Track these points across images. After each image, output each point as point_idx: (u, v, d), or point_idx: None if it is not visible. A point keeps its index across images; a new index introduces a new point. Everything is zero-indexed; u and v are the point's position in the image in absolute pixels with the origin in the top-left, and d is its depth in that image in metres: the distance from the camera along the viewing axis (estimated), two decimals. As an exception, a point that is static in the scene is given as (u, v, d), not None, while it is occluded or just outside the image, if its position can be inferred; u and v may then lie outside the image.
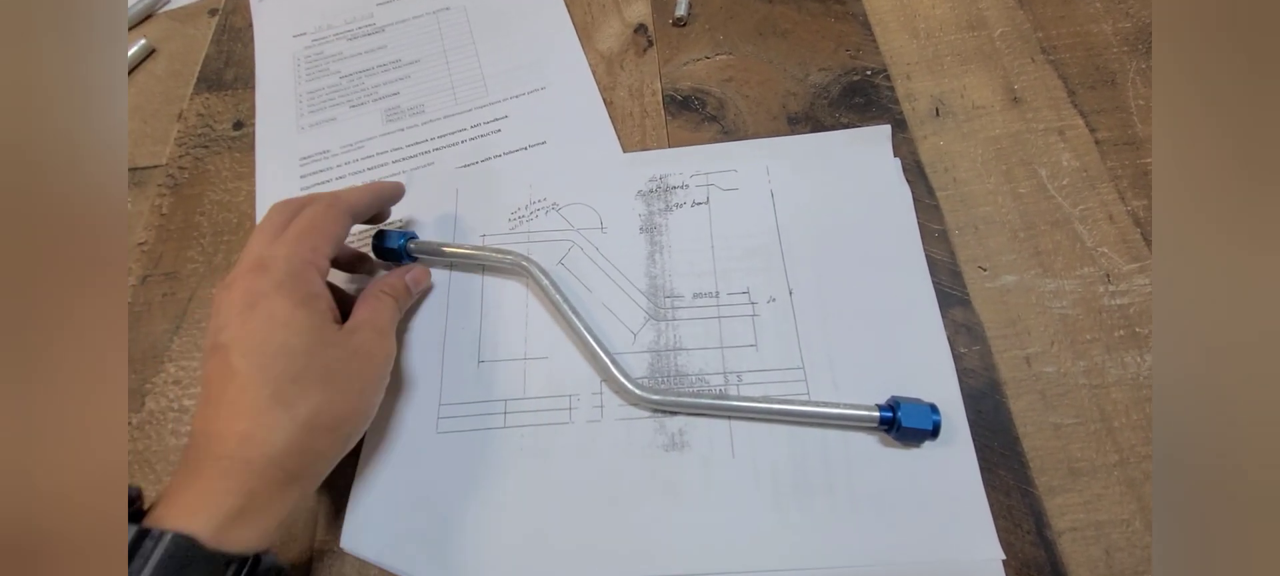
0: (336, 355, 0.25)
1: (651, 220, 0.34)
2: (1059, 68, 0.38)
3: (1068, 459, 0.27)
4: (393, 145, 0.40)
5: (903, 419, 0.26)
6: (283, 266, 0.25)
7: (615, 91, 0.40)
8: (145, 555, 0.19)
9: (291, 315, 0.24)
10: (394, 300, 0.29)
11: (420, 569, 0.26)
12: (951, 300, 0.31)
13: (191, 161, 0.39)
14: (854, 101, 0.38)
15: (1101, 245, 0.32)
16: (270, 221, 0.27)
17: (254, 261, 0.26)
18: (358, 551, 0.27)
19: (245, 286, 0.25)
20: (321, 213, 0.28)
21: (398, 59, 0.45)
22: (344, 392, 0.25)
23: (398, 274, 0.31)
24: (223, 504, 0.21)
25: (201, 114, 0.41)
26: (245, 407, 0.23)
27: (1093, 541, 0.26)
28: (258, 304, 0.24)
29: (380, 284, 0.30)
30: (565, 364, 0.30)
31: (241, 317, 0.24)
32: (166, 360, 0.33)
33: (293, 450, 0.23)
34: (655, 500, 0.27)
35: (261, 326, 0.24)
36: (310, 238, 0.27)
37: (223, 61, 0.44)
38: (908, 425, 0.26)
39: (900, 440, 0.27)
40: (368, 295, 0.29)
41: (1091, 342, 0.30)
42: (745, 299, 0.31)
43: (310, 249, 0.26)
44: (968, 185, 0.34)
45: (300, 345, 0.24)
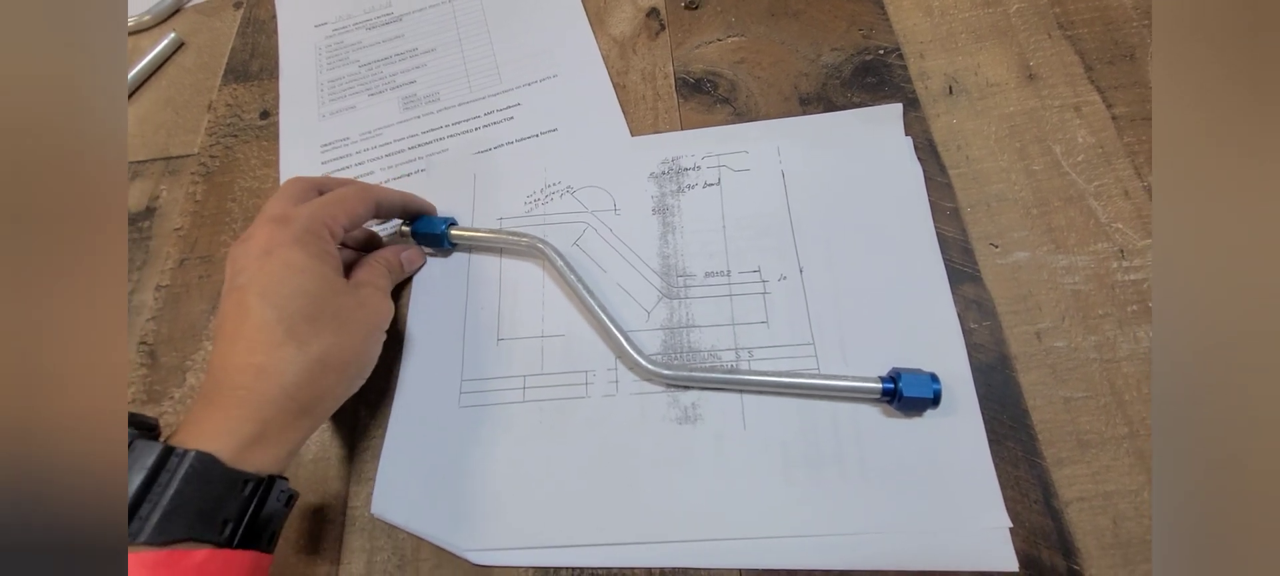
0: (345, 303, 0.27)
1: (664, 201, 0.35)
2: (1076, 43, 0.38)
3: (1077, 431, 0.28)
4: (409, 132, 0.41)
5: (903, 388, 0.27)
6: (302, 222, 0.27)
7: (628, 75, 0.40)
8: (171, 470, 0.21)
9: (306, 263, 0.26)
10: (388, 269, 0.32)
11: (444, 533, 0.28)
12: (962, 276, 0.31)
13: (222, 150, 0.41)
14: (867, 81, 0.38)
15: (1116, 221, 0.32)
16: (287, 190, 0.29)
17: (274, 216, 0.27)
18: (387, 516, 0.28)
19: (264, 236, 0.26)
20: (352, 193, 0.30)
21: (415, 48, 0.45)
22: (351, 336, 0.26)
23: (393, 251, 0.33)
24: (240, 430, 0.23)
25: (230, 104, 0.43)
26: (261, 343, 0.24)
27: (1100, 511, 0.26)
28: (274, 251, 0.26)
29: (376, 255, 0.32)
30: (581, 341, 0.31)
31: (258, 262, 0.26)
32: (205, 338, 0.34)
33: (303, 383, 0.24)
34: (669, 471, 0.28)
35: (278, 270, 0.25)
36: (333, 207, 0.28)
37: (248, 53, 0.46)
38: (908, 394, 0.27)
39: (903, 410, 0.28)
40: (365, 261, 0.31)
41: (1103, 317, 0.30)
42: (756, 277, 0.32)
43: (330, 216, 0.28)
44: (980, 163, 0.34)
45: (313, 289, 0.26)
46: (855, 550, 0.26)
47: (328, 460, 0.31)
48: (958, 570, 0.26)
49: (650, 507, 0.28)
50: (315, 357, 0.25)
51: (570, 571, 0.27)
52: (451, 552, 0.28)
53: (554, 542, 0.27)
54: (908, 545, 0.26)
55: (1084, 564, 0.25)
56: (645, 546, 0.27)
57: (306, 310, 0.25)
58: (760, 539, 0.27)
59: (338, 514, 0.29)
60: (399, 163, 0.40)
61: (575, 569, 0.27)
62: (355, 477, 0.30)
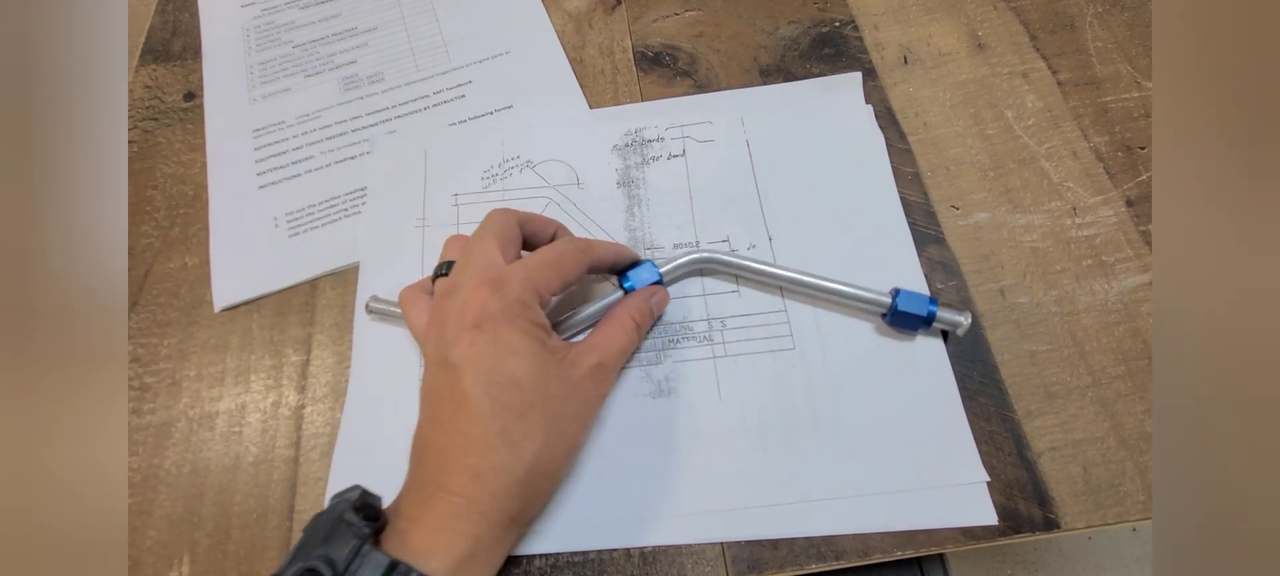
0: (558, 392, 0.24)
1: (628, 174, 0.34)
2: (1020, 14, 0.39)
3: (1044, 383, 0.28)
4: (352, 114, 0.39)
5: (899, 303, 0.27)
6: (516, 290, 0.24)
7: (585, 50, 0.39)
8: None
9: (519, 344, 0.23)
10: (639, 331, 0.28)
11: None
12: (927, 239, 0.31)
13: (140, 135, 0.37)
14: (824, 52, 0.38)
15: (1067, 180, 0.33)
16: (496, 232, 0.26)
17: (487, 277, 0.24)
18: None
19: (477, 304, 0.24)
20: (569, 253, 0.26)
21: (354, 27, 0.43)
22: (562, 434, 0.24)
23: (644, 296, 0.29)
24: (455, 547, 0.21)
25: (149, 86, 0.39)
26: (476, 440, 0.22)
27: (1071, 459, 0.27)
28: (486, 325, 0.23)
29: (629, 309, 0.28)
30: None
31: (471, 337, 0.23)
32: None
33: (515, 493, 0.22)
34: (644, 447, 0.27)
35: (492, 351, 0.23)
36: (549, 271, 0.25)
37: (169, 31, 0.42)
38: (902, 309, 0.27)
39: (896, 326, 0.28)
40: (612, 320, 0.27)
41: (1061, 272, 0.30)
42: (726, 247, 0.31)
43: (545, 281, 0.25)
44: (937, 129, 0.35)
45: (528, 378, 0.23)
46: (837, 515, 0.26)
47: (271, 463, 0.28)
48: (939, 527, 0.25)
49: (626, 487, 0.26)
50: (529, 464, 0.22)
51: (544, 559, 0.26)
52: (414, 549, 0.26)
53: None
54: (888, 506, 0.26)
55: (1059, 511, 0.26)
56: (622, 526, 0.26)
57: (519, 404, 0.23)
58: (740, 510, 0.26)
59: (283, 516, 0.27)
60: (341, 146, 0.37)
61: (548, 555, 0.26)
62: (302, 479, 0.28)
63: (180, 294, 0.32)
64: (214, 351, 0.31)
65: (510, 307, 0.24)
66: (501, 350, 0.23)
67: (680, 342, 0.29)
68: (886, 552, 0.25)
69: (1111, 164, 0.33)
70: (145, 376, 0.30)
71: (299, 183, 0.36)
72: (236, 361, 0.30)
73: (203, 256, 0.33)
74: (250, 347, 0.31)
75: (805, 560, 0.25)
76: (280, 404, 0.29)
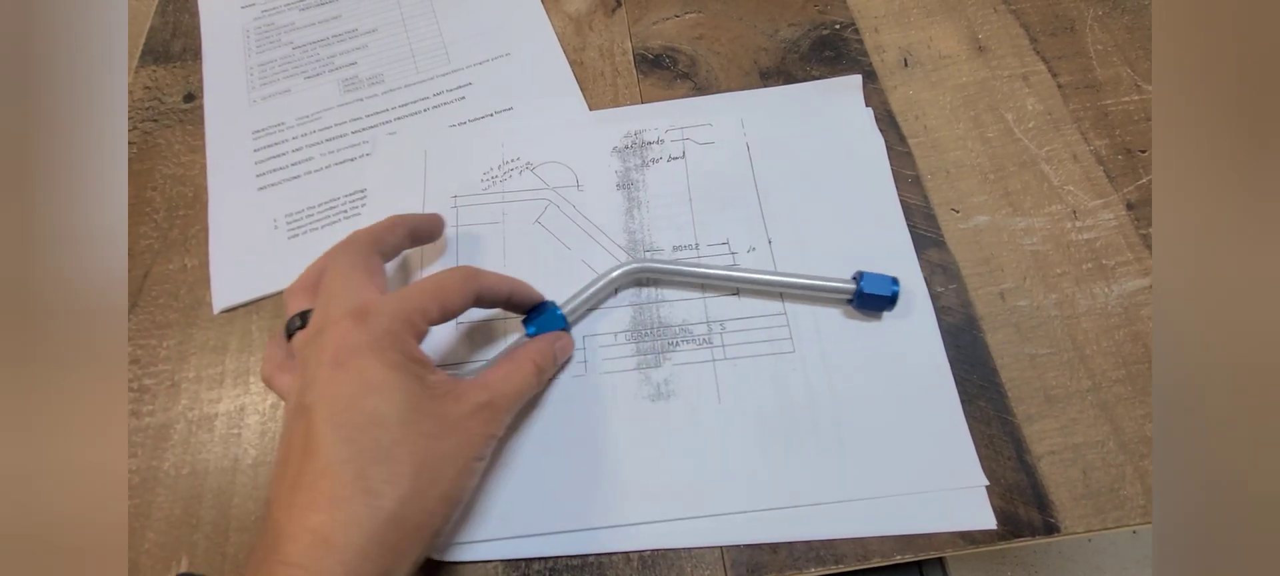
0: (432, 430, 0.22)
1: (628, 176, 0.34)
2: (1020, 17, 0.39)
3: (1044, 387, 0.28)
4: (351, 116, 0.39)
5: (864, 286, 0.28)
6: (384, 321, 0.22)
7: (585, 52, 0.39)
8: None
9: (386, 377, 0.21)
10: (538, 374, 0.26)
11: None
12: (927, 242, 0.31)
13: (139, 136, 0.37)
14: (824, 55, 0.38)
15: (1067, 184, 0.33)
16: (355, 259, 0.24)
17: (351, 307, 0.22)
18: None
19: (337, 337, 0.22)
20: (453, 279, 0.24)
21: (354, 28, 0.43)
22: (436, 480, 0.21)
23: (547, 340, 0.27)
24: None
25: (149, 87, 0.39)
26: (323, 493, 0.20)
27: (1070, 463, 0.26)
28: (348, 360, 0.21)
29: (530, 351, 0.26)
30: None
31: (329, 375, 0.21)
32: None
33: (371, 554, 0.19)
34: (643, 450, 0.27)
35: (352, 388, 0.21)
36: (425, 298, 0.23)
37: (169, 32, 0.42)
38: (868, 291, 0.28)
39: (862, 309, 0.29)
40: (511, 358, 0.26)
41: (1062, 276, 0.30)
42: (726, 249, 0.31)
43: (420, 310, 0.23)
44: (938, 131, 0.35)
45: (394, 415, 0.21)
46: (836, 519, 0.26)
47: (270, 465, 0.28)
48: (938, 531, 0.25)
49: (626, 490, 0.26)
50: (387, 516, 0.20)
51: (543, 562, 0.26)
52: (413, 552, 0.26)
53: (524, 532, 0.26)
54: (888, 510, 0.26)
55: (1059, 515, 0.26)
56: (622, 530, 0.26)
57: (382, 445, 0.20)
58: (740, 514, 0.26)
59: (283, 520, 0.27)
60: (341, 148, 0.37)
61: (548, 558, 0.26)
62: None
63: (179, 295, 0.32)
64: (213, 353, 0.31)
65: (377, 339, 0.22)
66: (364, 386, 0.21)
67: (680, 345, 0.29)
68: (886, 556, 0.25)
69: (1112, 167, 0.33)
70: (144, 378, 0.30)
71: (299, 184, 0.36)
72: (236, 363, 0.30)
73: (202, 258, 0.33)
74: (249, 349, 0.31)
75: (805, 563, 0.25)
76: (279, 406, 0.29)
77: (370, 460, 0.20)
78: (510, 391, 0.24)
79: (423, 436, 0.21)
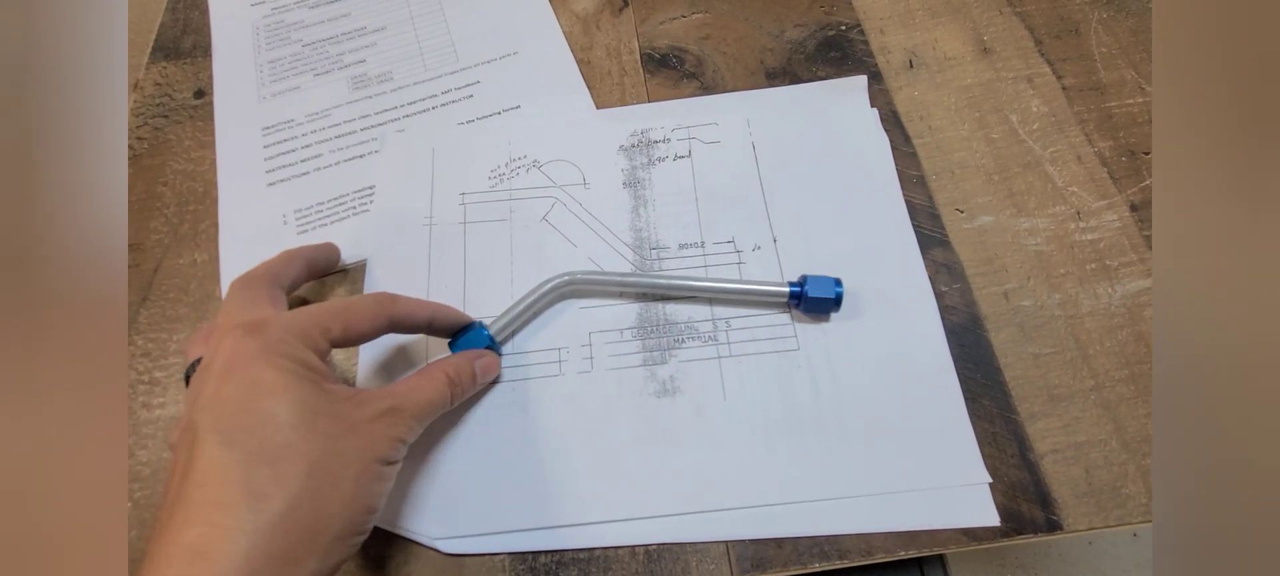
0: (329, 430, 0.20)
1: (634, 174, 0.34)
2: (1025, 19, 0.39)
3: (1047, 386, 0.28)
4: (361, 113, 0.39)
5: (809, 289, 0.28)
6: (278, 331, 0.21)
7: (592, 51, 0.39)
8: None
9: (277, 380, 0.20)
10: (451, 387, 0.25)
11: (411, 522, 0.26)
12: (931, 242, 0.32)
13: (150, 132, 0.38)
14: (830, 55, 0.38)
15: (1071, 185, 0.33)
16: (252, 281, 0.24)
17: (245, 321, 0.21)
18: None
19: (229, 348, 0.20)
20: (364, 301, 0.23)
21: (363, 26, 0.43)
22: (335, 482, 0.20)
23: (468, 358, 0.26)
24: None
25: (159, 83, 0.40)
26: (201, 504, 0.18)
27: (1073, 461, 0.27)
28: (237, 367, 0.20)
29: (444, 364, 0.25)
30: (554, 316, 0.30)
31: (217, 384, 0.20)
32: (134, 332, 0.31)
33: (254, 564, 0.17)
34: (649, 446, 0.27)
35: (240, 392, 0.20)
36: (328, 317, 0.22)
37: (180, 29, 0.42)
38: (813, 295, 0.28)
39: (808, 312, 0.29)
40: (423, 371, 0.25)
41: (1065, 276, 0.31)
42: (731, 247, 0.31)
43: (320, 326, 0.22)
44: (943, 132, 0.35)
45: (287, 414, 0.19)
46: (840, 515, 0.26)
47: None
48: (942, 527, 0.26)
49: (631, 485, 0.27)
50: (274, 520, 0.18)
51: (549, 555, 0.26)
52: (420, 543, 0.26)
53: (530, 526, 0.26)
54: (892, 507, 0.26)
55: (1061, 513, 0.26)
56: (627, 524, 0.26)
57: (272, 446, 0.19)
58: (745, 509, 0.26)
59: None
60: (350, 145, 0.38)
61: (554, 552, 0.26)
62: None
63: (190, 289, 0.32)
64: (223, 346, 0.31)
65: (270, 346, 0.20)
66: (254, 389, 0.20)
67: (685, 342, 0.29)
68: (889, 552, 0.25)
69: (1115, 169, 0.33)
70: (155, 371, 0.30)
71: (308, 180, 0.36)
72: (245, 357, 0.31)
73: (212, 253, 0.33)
74: (259, 343, 0.31)
75: (809, 559, 0.25)
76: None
77: (258, 461, 0.19)
78: (419, 400, 0.23)
79: (320, 435, 0.20)
